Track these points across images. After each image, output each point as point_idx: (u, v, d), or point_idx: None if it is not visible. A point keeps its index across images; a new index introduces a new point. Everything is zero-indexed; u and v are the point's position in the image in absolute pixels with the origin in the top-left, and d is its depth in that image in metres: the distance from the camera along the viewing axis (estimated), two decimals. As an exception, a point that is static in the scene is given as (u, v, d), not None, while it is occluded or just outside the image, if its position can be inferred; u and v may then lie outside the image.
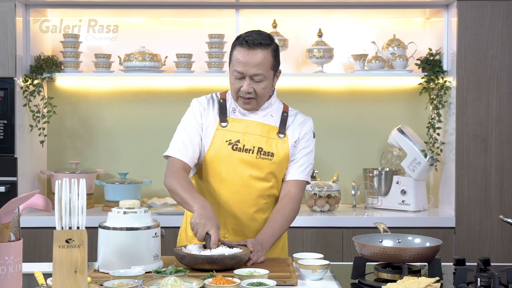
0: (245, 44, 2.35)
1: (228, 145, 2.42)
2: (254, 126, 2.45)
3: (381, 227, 2.25)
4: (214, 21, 3.98)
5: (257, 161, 2.42)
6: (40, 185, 3.88)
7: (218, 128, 2.45)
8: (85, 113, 4.03)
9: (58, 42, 3.91)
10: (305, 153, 2.51)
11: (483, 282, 1.90)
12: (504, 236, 3.52)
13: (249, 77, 2.37)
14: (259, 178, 2.43)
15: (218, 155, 2.42)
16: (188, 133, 2.45)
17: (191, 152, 2.44)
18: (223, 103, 2.49)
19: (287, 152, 2.47)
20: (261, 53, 2.36)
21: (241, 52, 2.36)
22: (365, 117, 4.05)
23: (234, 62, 2.38)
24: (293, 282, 2.02)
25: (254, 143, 2.43)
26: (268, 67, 2.39)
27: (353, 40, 4.03)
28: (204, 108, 2.48)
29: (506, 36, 3.53)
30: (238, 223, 2.44)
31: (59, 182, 1.78)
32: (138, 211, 2.11)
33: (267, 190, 2.46)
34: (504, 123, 3.54)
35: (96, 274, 2.06)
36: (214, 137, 2.44)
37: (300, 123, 2.52)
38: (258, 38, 2.36)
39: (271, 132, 2.47)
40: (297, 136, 2.50)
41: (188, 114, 2.50)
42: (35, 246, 3.47)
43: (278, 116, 2.51)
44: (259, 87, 2.39)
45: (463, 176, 3.55)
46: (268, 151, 2.44)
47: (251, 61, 2.35)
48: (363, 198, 3.93)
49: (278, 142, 2.46)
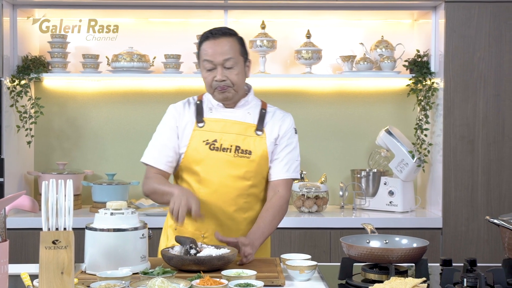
0: (211, 36, 2.43)
1: (206, 145, 2.44)
2: (231, 125, 2.46)
3: (369, 228, 2.25)
4: (203, 22, 3.97)
5: (235, 159, 2.43)
6: (27, 186, 3.86)
7: (195, 129, 2.46)
8: (72, 114, 4.01)
9: (46, 43, 3.89)
10: (288, 151, 2.51)
11: (469, 283, 1.91)
12: (490, 237, 3.54)
13: (220, 65, 2.40)
14: (238, 177, 2.43)
15: (196, 156, 2.44)
16: (162, 139, 2.48)
17: (166, 158, 2.47)
18: (199, 104, 2.52)
19: (265, 150, 2.46)
20: (227, 40, 2.42)
21: (208, 44, 2.42)
22: (353, 118, 4.06)
23: (203, 55, 2.43)
24: (280, 282, 2.03)
25: (231, 142, 2.44)
26: (236, 52, 2.43)
27: (341, 42, 4.04)
28: (179, 113, 2.50)
29: (493, 38, 3.55)
30: (218, 222, 2.44)
31: (46, 183, 1.77)
32: (126, 212, 2.11)
33: (247, 189, 2.45)
34: (491, 125, 3.56)
35: (83, 275, 2.05)
36: (192, 138, 2.45)
37: (280, 120, 2.52)
38: (221, 29, 2.45)
39: (249, 129, 2.47)
40: (276, 133, 2.50)
41: (162, 121, 2.54)
42: (22, 247, 3.45)
43: (256, 113, 2.51)
44: (232, 74, 2.41)
45: (450, 177, 3.56)
46: (245, 149, 2.44)
47: (218, 49, 2.40)
48: (351, 199, 3.94)
49: (256, 140, 2.46)
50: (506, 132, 3.56)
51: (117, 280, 1.88)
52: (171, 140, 2.48)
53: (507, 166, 3.56)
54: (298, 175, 2.56)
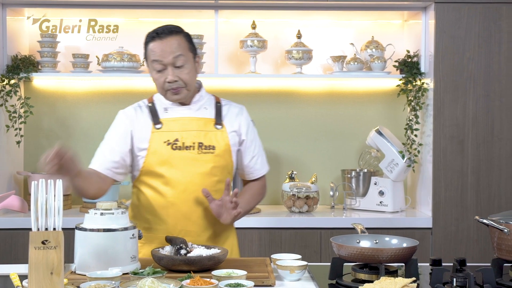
0: (157, 36, 2.38)
1: (167, 145, 2.40)
2: (190, 122, 2.44)
3: (359, 228, 2.26)
4: (193, 22, 3.97)
5: (199, 156, 2.41)
6: (16, 186, 3.84)
7: (153, 131, 2.42)
8: (62, 114, 3.99)
9: (35, 42, 3.87)
10: (258, 145, 2.56)
11: (458, 282, 1.92)
12: (480, 237, 3.56)
13: (171, 65, 2.36)
14: (205, 174, 2.41)
15: (159, 158, 2.40)
16: (110, 144, 2.45)
17: (111, 164, 2.42)
18: (152, 107, 2.48)
19: (227, 143, 2.46)
20: (174, 38, 2.38)
21: (155, 44, 2.37)
22: (344, 119, 4.07)
23: (151, 56, 2.38)
24: (271, 282, 2.03)
25: (193, 139, 2.41)
26: (185, 50, 2.39)
27: (332, 42, 4.05)
28: (131, 118, 2.46)
29: (483, 39, 3.57)
30: (189, 223, 2.40)
31: (35, 183, 1.76)
32: (115, 212, 2.11)
33: (214, 185, 2.43)
34: (481, 125, 3.58)
35: (72, 275, 2.04)
36: (151, 141, 2.41)
37: (237, 114, 2.52)
38: (167, 27, 2.40)
39: (208, 124, 2.45)
40: (236, 126, 2.50)
41: (111, 127, 2.51)
42: (11, 248, 3.44)
43: (212, 108, 2.50)
44: (183, 73, 2.38)
45: (440, 177, 3.58)
46: (208, 144, 2.42)
47: (167, 49, 2.36)
48: (341, 199, 3.94)
49: (217, 134, 2.45)
50: (496, 132, 3.57)
51: (107, 280, 1.88)
52: (119, 145, 2.43)
53: (496, 166, 3.57)
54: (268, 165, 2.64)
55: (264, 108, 4.01)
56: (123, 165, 2.44)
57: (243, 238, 3.48)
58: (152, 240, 2.42)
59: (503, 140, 3.57)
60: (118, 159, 2.43)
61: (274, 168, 4.04)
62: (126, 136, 2.44)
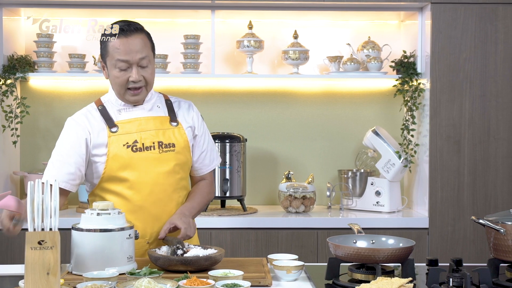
0: (122, 33, 2.29)
1: (127, 148, 2.33)
2: (146, 122, 2.39)
3: (355, 228, 2.26)
4: (190, 22, 3.97)
5: (161, 156, 2.37)
6: (13, 186, 3.84)
7: (110, 135, 2.34)
8: (59, 114, 3.99)
9: (32, 42, 3.87)
10: (208, 140, 2.53)
11: (455, 282, 1.92)
12: (476, 237, 3.56)
13: (136, 64, 2.30)
14: (168, 173, 2.38)
15: (120, 162, 2.32)
16: (61, 155, 2.34)
17: (68, 176, 2.32)
18: (102, 110, 2.38)
19: (186, 139, 2.43)
20: (139, 37, 2.31)
21: (120, 41, 2.28)
22: (340, 119, 4.07)
23: (114, 53, 2.29)
24: (267, 282, 2.03)
25: (153, 138, 2.37)
26: (149, 49, 2.35)
27: (329, 42, 4.05)
28: (83, 125, 2.36)
29: (479, 39, 3.57)
30: (161, 223, 2.36)
31: (32, 183, 1.76)
32: (112, 212, 2.10)
33: (178, 182, 2.41)
34: (477, 125, 3.58)
35: (69, 276, 2.04)
36: (109, 145, 2.32)
37: (188, 109, 2.50)
38: (131, 24, 2.32)
39: (164, 123, 2.42)
40: (190, 121, 2.47)
41: (61, 136, 2.39)
42: (7, 248, 3.43)
43: (164, 105, 2.46)
44: (147, 73, 2.33)
45: (436, 178, 3.58)
46: (168, 143, 2.39)
47: (133, 47, 2.29)
48: (338, 199, 3.95)
49: (175, 131, 2.42)
50: (492, 133, 3.58)
51: (104, 280, 1.88)
52: (72, 156, 2.32)
53: (493, 166, 3.58)
54: (219, 158, 2.61)
55: (260, 108, 4.01)
56: (79, 175, 2.35)
57: (239, 238, 3.49)
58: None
59: (500, 140, 3.58)
60: (74, 170, 2.33)
61: (271, 168, 4.05)
62: (81, 145, 2.34)
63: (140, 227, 2.33)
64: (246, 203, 3.91)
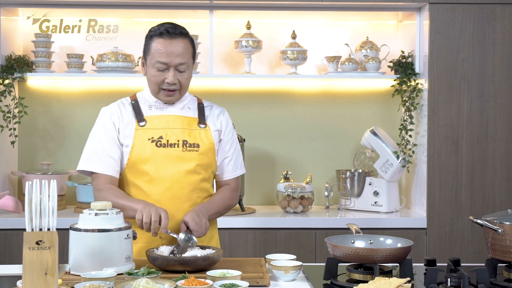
0: (166, 34, 2.34)
1: (151, 142, 2.39)
2: (174, 120, 2.43)
3: (354, 228, 2.26)
4: (188, 22, 3.96)
5: (184, 154, 2.40)
6: (11, 186, 3.83)
7: (137, 128, 2.41)
8: (57, 114, 3.99)
9: (30, 42, 3.86)
10: (234, 148, 2.55)
11: (453, 282, 1.92)
12: (474, 237, 3.57)
13: (173, 67, 2.35)
14: (189, 172, 2.40)
15: (143, 155, 2.38)
16: (103, 144, 2.41)
17: (114, 163, 2.40)
18: (135, 104, 2.46)
19: (212, 142, 2.46)
20: (182, 42, 2.36)
21: (162, 42, 2.34)
22: (338, 119, 4.07)
23: (155, 53, 2.35)
24: (265, 283, 2.03)
25: (178, 136, 2.41)
26: (190, 56, 2.39)
27: (327, 42, 4.06)
28: (116, 114, 2.43)
29: (477, 39, 3.58)
30: (175, 221, 2.38)
31: (30, 183, 1.76)
32: (110, 212, 2.10)
33: (198, 183, 2.43)
34: (475, 125, 3.59)
35: (67, 276, 2.04)
36: (135, 138, 2.39)
37: (219, 114, 2.53)
38: (177, 28, 2.37)
39: (192, 123, 2.46)
40: (218, 125, 2.50)
41: (98, 125, 2.47)
42: (5, 248, 3.43)
43: (195, 108, 2.51)
44: (183, 78, 2.39)
45: (434, 178, 3.58)
46: (193, 142, 2.42)
47: (174, 51, 2.34)
48: (336, 199, 3.95)
49: (201, 133, 2.45)
50: (490, 133, 3.58)
51: (102, 281, 1.87)
52: (112, 144, 2.40)
53: (490, 166, 3.58)
54: (244, 168, 2.63)
55: (259, 108, 4.01)
56: (118, 164, 2.42)
57: (237, 238, 3.49)
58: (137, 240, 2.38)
59: (497, 140, 3.58)
60: (116, 158, 2.40)
61: (269, 168, 4.04)
62: (113, 134, 2.41)
63: None
64: (244, 203, 3.91)
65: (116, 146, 2.41)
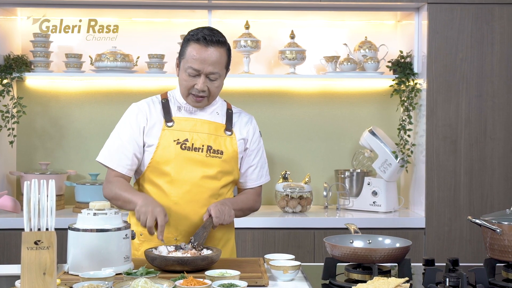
0: (203, 41, 2.33)
1: (177, 144, 2.39)
2: (201, 124, 2.43)
3: (352, 228, 2.26)
4: (187, 22, 3.96)
5: (207, 159, 2.40)
6: (9, 186, 3.83)
7: (164, 128, 2.40)
8: (55, 114, 3.98)
9: (28, 42, 3.86)
10: (260, 156, 2.55)
11: (451, 282, 1.92)
12: (473, 237, 3.57)
13: (205, 75, 2.34)
14: (210, 177, 2.41)
15: (167, 155, 2.38)
16: (122, 140, 2.41)
17: (127, 161, 2.40)
18: (165, 103, 2.45)
19: (235, 150, 2.46)
20: (218, 51, 2.34)
21: (198, 49, 2.33)
22: (337, 119, 4.07)
23: (189, 58, 2.34)
24: (264, 282, 2.03)
25: (203, 141, 2.41)
26: (223, 66, 2.38)
27: (325, 42, 4.06)
28: (145, 112, 2.42)
29: (475, 39, 3.58)
30: (190, 223, 2.39)
31: (28, 183, 1.76)
32: (109, 212, 2.10)
33: (218, 189, 2.43)
34: (473, 125, 3.59)
35: (65, 276, 2.04)
36: (161, 138, 2.39)
37: (246, 122, 2.53)
38: (215, 35, 2.35)
39: (219, 129, 2.45)
40: (245, 134, 2.50)
41: (123, 120, 2.46)
42: (4, 248, 3.43)
43: (224, 114, 2.50)
44: (213, 86, 2.38)
45: (433, 177, 3.59)
46: (217, 149, 2.42)
47: (208, 59, 2.33)
48: (334, 199, 3.95)
49: (226, 140, 2.45)
50: (488, 133, 3.59)
51: (100, 280, 1.87)
52: (131, 142, 2.40)
53: (489, 166, 3.59)
54: (269, 176, 2.62)
55: (257, 108, 4.01)
56: (135, 162, 2.42)
57: (236, 238, 3.48)
58: (152, 239, 2.39)
59: (496, 140, 3.59)
60: (131, 156, 2.40)
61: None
62: (140, 132, 2.40)
63: (172, 223, 2.37)
64: (243, 203, 3.90)
65: (134, 144, 2.40)
